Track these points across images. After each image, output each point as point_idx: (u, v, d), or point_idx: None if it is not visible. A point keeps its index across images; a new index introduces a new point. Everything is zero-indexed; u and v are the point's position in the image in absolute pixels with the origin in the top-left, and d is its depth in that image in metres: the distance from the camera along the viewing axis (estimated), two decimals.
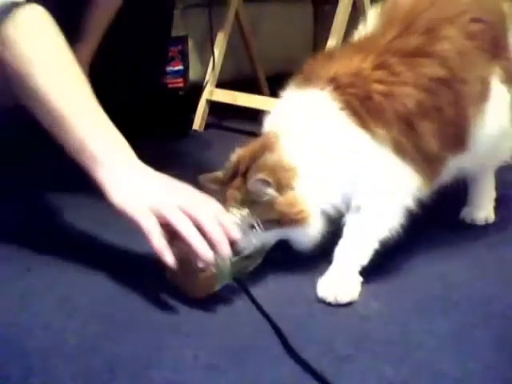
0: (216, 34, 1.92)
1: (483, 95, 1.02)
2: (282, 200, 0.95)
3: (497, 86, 1.04)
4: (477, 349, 0.80)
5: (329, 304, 0.91)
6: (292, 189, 0.95)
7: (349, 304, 0.91)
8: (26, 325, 0.87)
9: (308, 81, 1.01)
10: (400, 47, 0.99)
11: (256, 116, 1.38)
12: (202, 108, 1.94)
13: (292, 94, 1.03)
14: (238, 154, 1.01)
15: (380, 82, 0.97)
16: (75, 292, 0.95)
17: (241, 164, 0.98)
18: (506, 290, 0.95)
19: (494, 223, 1.17)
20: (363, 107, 0.96)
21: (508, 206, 1.22)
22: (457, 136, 1.02)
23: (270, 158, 0.96)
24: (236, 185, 0.97)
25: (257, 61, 2.16)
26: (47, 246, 1.10)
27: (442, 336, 0.83)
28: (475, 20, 1.03)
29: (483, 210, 1.18)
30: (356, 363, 0.78)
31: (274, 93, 1.09)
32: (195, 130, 1.95)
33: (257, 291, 0.93)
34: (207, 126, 1.96)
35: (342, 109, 0.96)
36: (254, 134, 1.09)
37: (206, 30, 1.91)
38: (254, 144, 1.01)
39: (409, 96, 0.96)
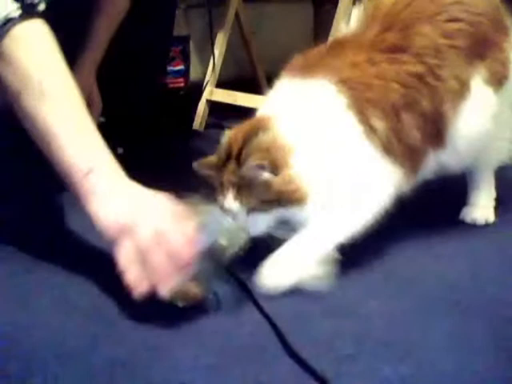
0: (216, 34, 1.92)
1: (460, 94, 1.04)
2: (278, 180, 0.94)
3: (478, 87, 1.06)
4: (477, 349, 0.80)
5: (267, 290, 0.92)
6: (288, 167, 0.95)
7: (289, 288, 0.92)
8: (25, 325, 0.87)
9: (304, 72, 1.02)
10: (381, 44, 1.02)
11: None
12: (202, 108, 1.94)
13: (288, 82, 1.04)
14: (229, 135, 1.00)
15: (375, 76, 1.00)
16: (75, 292, 0.95)
17: (233, 146, 0.97)
18: (505, 289, 0.95)
19: (494, 223, 1.17)
20: (363, 98, 0.98)
21: (508, 206, 1.22)
22: (435, 131, 1.04)
23: (263, 138, 0.95)
24: (231, 169, 0.96)
25: (257, 61, 2.16)
26: (47, 246, 1.10)
27: (442, 336, 0.83)
28: (453, 19, 1.04)
29: (483, 209, 1.19)
30: (356, 363, 0.78)
31: None
32: (195, 130, 1.95)
33: (257, 291, 0.93)
34: (207, 125, 1.96)
35: (341, 97, 0.98)
36: None
37: (206, 30, 1.91)
38: (246, 125, 1.00)
39: (394, 90, 0.99)
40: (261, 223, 0.97)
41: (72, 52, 1.57)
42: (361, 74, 1.00)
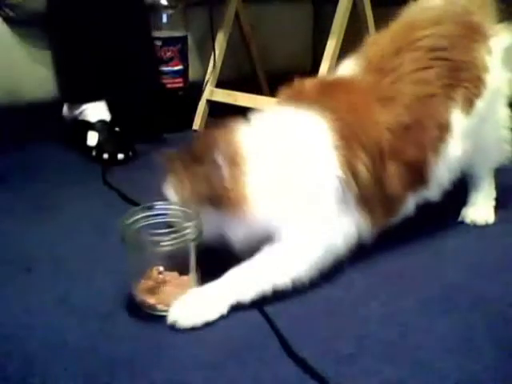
0: (216, 34, 1.92)
1: (442, 139, 1.04)
2: (227, 174, 0.91)
3: (457, 119, 1.05)
4: (477, 349, 0.80)
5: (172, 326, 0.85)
6: (241, 171, 0.91)
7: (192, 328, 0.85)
8: (25, 324, 0.87)
9: (299, 100, 0.99)
10: (377, 91, 1.01)
11: None
12: (202, 108, 1.94)
13: (280, 106, 1.02)
14: (199, 136, 0.99)
15: (370, 121, 0.98)
16: (75, 292, 0.95)
17: (199, 146, 0.95)
18: (506, 289, 0.95)
19: (494, 223, 1.17)
20: (354, 141, 0.96)
21: (508, 206, 1.22)
22: (419, 177, 1.04)
23: (226, 144, 0.93)
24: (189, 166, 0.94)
25: (257, 61, 2.16)
26: (47, 245, 1.10)
27: (442, 336, 0.83)
28: (433, 49, 1.04)
29: (483, 210, 1.19)
30: (356, 363, 0.78)
31: (273, 93, 1.09)
32: (195, 130, 1.95)
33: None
34: (207, 125, 1.96)
35: (330, 136, 0.95)
36: None
37: (205, 29, 1.91)
38: (214, 130, 0.98)
39: (385, 138, 0.98)
40: (206, 225, 0.91)
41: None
42: (356, 116, 0.98)
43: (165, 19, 1.85)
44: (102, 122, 1.60)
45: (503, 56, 1.10)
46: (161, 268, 0.91)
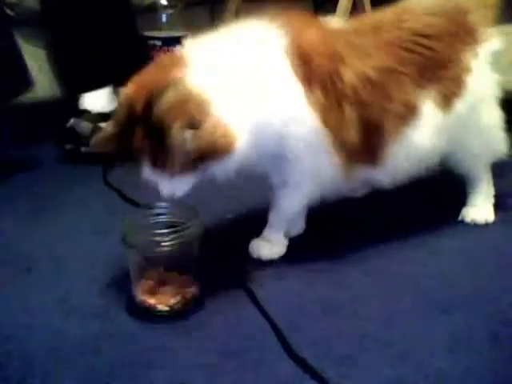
0: None
1: (405, 119, 1.02)
2: (203, 132, 0.84)
3: (429, 110, 1.04)
4: (476, 349, 0.80)
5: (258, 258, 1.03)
6: (210, 116, 0.85)
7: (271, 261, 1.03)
8: (25, 325, 0.87)
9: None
10: (351, 39, 1.01)
11: None
12: None
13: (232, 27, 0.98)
14: (129, 93, 0.87)
15: (334, 54, 0.98)
16: (75, 292, 0.95)
17: (136, 108, 0.84)
18: (506, 289, 0.95)
19: (494, 223, 1.17)
20: (310, 65, 0.95)
21: (508, 206, 1.22)
22: (372, 147, 1.01)
23: (173, 95, 0.83)
24: (139, 135, 0.85)
25: None
26: (47, 246, 1.10)
27: (441, 336, 0.83)
28: (411, 45, 1.03)
29: (482, 209, 1.19)
30: (356, 363, 0.78)
31: None
32: None
33: (257, 291, 0.93)
34: None
35: (283, 40, 0.94)
36: None
37: (204, 28, 1.91)
38: (148, 77, 0.88)
39: (349, 79, 0.97)
40: (185, 185, 0.89)
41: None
42: (322, 38, 0.98)
43: (164, 19, 1.85)
44: (99, 113, 1.60)
45: (491, 60, 1.09)
46: (161, 268, 0.91)
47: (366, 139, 0.99)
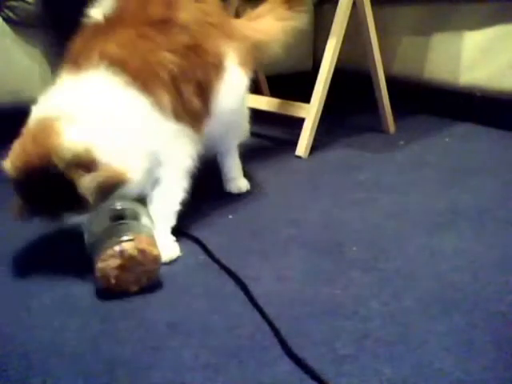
0: None
1: (219, 68, 1.14)
2: (100, 172, 0.94)
3: (232, 68, 1.16)
4: (477, 349, 0.80)
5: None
6: (97, 161, 0.94)
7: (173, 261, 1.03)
8: (26, 324, 0.87)
9: (78, 64, 1.02)
10: (147, 18, 1.06)
11: (256, 116, 1.38)
12: None
13: (66, 79, 1.03)
14: (13, 160, 0.97)
15: (148, 50, 1.04)
16: (75, 292, 0.95)
17: (33, 174, 0.94)
18: (506, 290, 0.95)
19: (493, 222, 1.17)
20: (142, 76, 1.01)
21: (508, 205, 1.22)
22: (207, 97, 1.14)
23: (66, 156, 0.92)
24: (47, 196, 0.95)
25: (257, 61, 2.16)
26: (47, 246, 1.10)
27: (442, 336, 0.83)
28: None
29: (241, 179, 1.36)
30: (356, 363, 0.78)
31: (273, 93, 1.09)
32: None
33: (256, 291, 0.93)
34: None
35: (118, 78, 1.00)
36: (254, 134, 1.09)
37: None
38: (30, 144, 0.97)
39: (172, 62, 1.05)
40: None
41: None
42: (134, 50, 1.03)
43: None
44: None
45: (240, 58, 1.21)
46: (124, 237, 0.93)
47: (202, 99, 1.11)
